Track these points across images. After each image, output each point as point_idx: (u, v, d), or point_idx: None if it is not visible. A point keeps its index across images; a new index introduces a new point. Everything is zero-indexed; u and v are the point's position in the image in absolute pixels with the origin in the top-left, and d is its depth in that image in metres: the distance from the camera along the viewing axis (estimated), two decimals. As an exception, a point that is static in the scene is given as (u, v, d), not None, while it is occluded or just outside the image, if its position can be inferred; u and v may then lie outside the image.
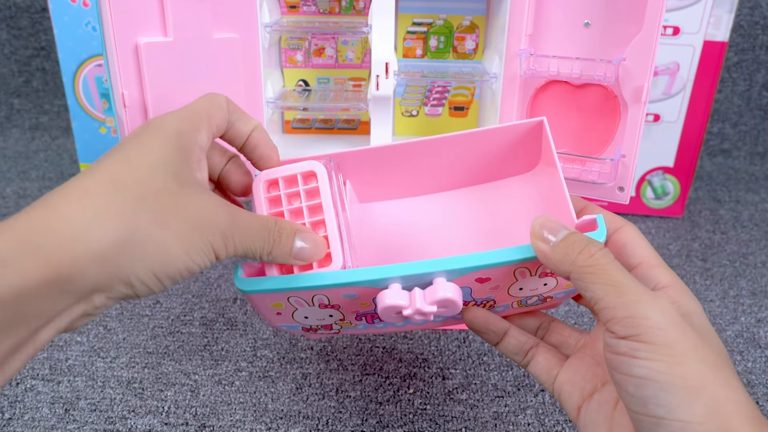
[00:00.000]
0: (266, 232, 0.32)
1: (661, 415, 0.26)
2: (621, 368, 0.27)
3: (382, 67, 0.53)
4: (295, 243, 0.33)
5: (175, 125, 0.31)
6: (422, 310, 0.33)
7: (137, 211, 0.27)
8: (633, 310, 0.27)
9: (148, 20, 0.46)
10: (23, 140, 1.14)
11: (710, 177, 1.05)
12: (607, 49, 0.49)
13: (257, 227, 0.32)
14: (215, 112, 0.33)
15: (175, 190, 0.29)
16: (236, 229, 0.31)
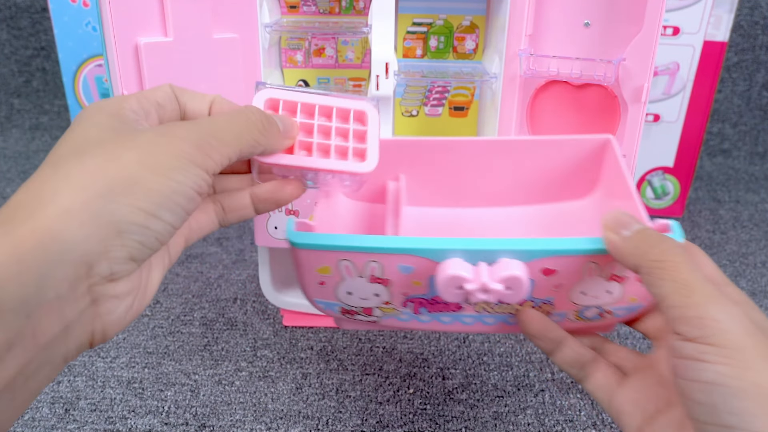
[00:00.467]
0: (244, 116, 0.31)
1: (733, 424, 0.24)
2: (687, 374, 0.26)
3: (382, 67, 0.53)
4: (277, 121, 0.32)
5: (100, 103, 0.30)
6: (487, 286, 0.30)
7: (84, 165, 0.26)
8: (702, 311, 0.26)
9: (148, 20, 0.46)
10: (23, 140, 1.14)
11: (710, 177, 1.05)
12: (607, 49, 0.49)
13: (224, 119, 0.30)
14: (152, 91, 0.32)
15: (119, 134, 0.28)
16: (202, 131, 0.29)
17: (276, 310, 0.66)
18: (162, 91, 0.32)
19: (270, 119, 0.32)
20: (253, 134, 0.31)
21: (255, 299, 0.68)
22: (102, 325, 0.27)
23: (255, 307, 0.66)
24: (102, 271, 0.25)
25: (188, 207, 0.28)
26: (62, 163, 0.26)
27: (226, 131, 0.29)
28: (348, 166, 0.33)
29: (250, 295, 0.68)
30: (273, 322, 0.64)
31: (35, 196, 0.25)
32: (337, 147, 0.34)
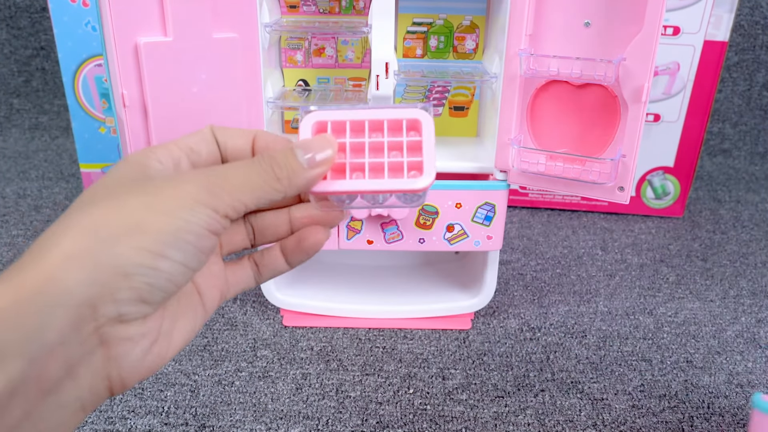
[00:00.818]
0: (257, 165, 0.29)
1: None
2: None
3: (382, 67, 0.53)
4: (297, 156, 0.30)
5: (128, 156, 0.30)
6: None
7: (88, 211, 0.26)
8: None
9: (148, 20, 0.46)
10: (23, 140, 1.14)
11: (710, 177, 1.05)
12: (607, 49, 0.49)
13: (243, 165, 0.29)
14: (187, 138, 0.31)
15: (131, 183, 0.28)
16: (219, 176, 0.28)
17: (276, 310, 0.66)
18: (198, 135, 0.32)
19: (286, 163, 0.30)
20: (268, 182, 0.29)
21: (255, 299, 0.68)
22: (118, 370, 0.26)
23: (255, 307, 0.66)
24: (108, 312, 0.25)
25: (200, 245, 0.27)
26: (72, 213, 0.26)
27: (237, 176, 0.29)
28: (402, 184, 0.31)
29: (250, 295, 0.68)
30: (273, 322, 0.64)
31: (41, 245, 0.25)
32: (391, 164, 0.32)
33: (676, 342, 0.62)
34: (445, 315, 0.63)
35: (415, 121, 0.32)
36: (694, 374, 0.58)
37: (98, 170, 0.88)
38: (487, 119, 0.62)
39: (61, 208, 0.88)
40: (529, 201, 0.91)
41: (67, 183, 0.96)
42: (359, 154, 0.32)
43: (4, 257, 0.75)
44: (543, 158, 0.53)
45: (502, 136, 0.54)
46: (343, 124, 0.32)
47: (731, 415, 0.53)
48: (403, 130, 0.32)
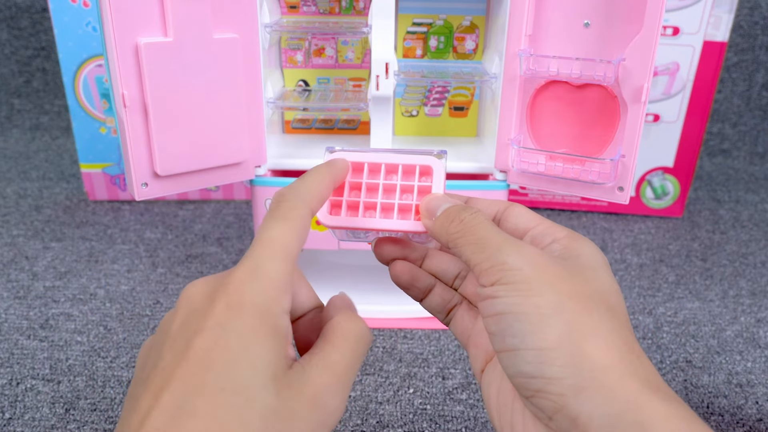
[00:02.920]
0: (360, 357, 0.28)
1: (515, 345, 0.26)
2: (485, 311, 0.28)
3: (382, 67, 0.53)
4: None
5: (256, 300, 0.25)
6: None
7: None
8: (493, 260, 0.28)
9: (148, 20, 0.46)
10: (23, 140, 1.15)
11: (710, 177, 1.05)
12: (607, 49, 0.49)
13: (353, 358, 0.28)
14: (287, 267, 0.27)
15: (275, 407, 0.24)
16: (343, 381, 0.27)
17: (276, 310, 0.66)
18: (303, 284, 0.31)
19: None
20: None
21: (255, 299, 0.68)
22: None
23: (255, 307, 0.66)
24: None
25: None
26: None
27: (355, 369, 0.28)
28: (408, 225, 0.34)
29: (250, 295, 0.68)
30: (273, 322, 0.64)
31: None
32: (401, 205, 0.35)
33: (675, 342, 0.62)
34: (445, 315, 0.63)
35: (428, 168, 0.35)
36: (694, 374, 0.58)
37: (99, 170, 0.88)
38: (486, 119, 0.62)
39: (62, 208, 0.88)
40: (528, 201, 0.91)
41: (67, 183, 0.96)
42: (373, 194, 0.35)
43: (4, 257, 0.75)
44: (543, 158, 0.53)
45: (502, 137, 0.54)
46: (361, 165, 0.35)
47: (731, 414, 0.53)
48: (416, 175, 0.35)
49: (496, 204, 0.35)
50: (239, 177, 0.54)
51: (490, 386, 0.32)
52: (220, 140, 0.51)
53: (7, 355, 0.58)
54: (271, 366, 0.24)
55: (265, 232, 0.27)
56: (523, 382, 0.26)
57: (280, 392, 0.24)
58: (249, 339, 0.24)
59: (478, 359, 0.34)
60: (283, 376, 0.24)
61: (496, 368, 0.32)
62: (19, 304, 0.66)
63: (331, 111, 0.64)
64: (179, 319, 0.26)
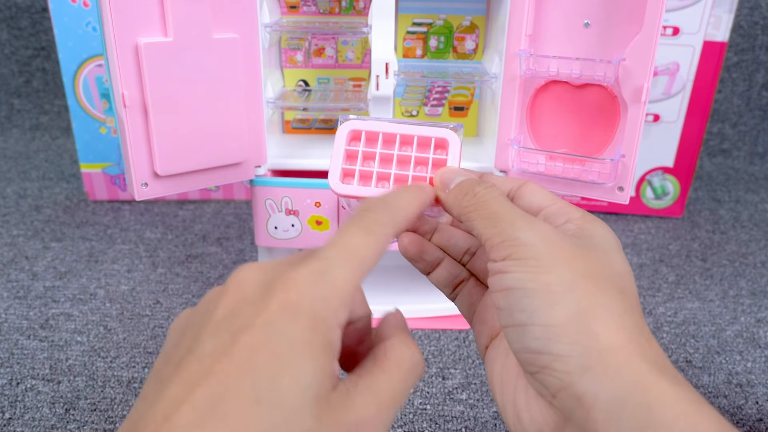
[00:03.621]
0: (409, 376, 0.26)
1: (523, 321, 0.26)
2: (494, 286, 0.28)
3: (382, 67, 0.53)
4: None
5: (314, 306, 0.23)
6: None
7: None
8: (505, 235, 0.28)
9: (148, 20, 0.46)
10: (23, 140, 1.14)
11: (710, 177, 1.05)
12: (607, 49, 0.49)
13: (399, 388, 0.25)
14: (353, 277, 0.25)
15: (315, 430, 0.21)
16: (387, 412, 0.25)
17: (276, 310, 0.66)
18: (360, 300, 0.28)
19: None
20: None
21: (255, 299, 0.68)
22: None
23: (255, 307, 0.66)
24: None
25: None
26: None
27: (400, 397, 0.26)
28: None
29: (250, 295, 0.68)
30: (273, 322, 0.64)
31: None
32: (415, 177, 0.34)
33: (675, 342, 0.62)
34: (445, 315, 0.63)
35: (443, 140, 0.34)
36: (694, 374, 0.58)
37: (99, 170, 0.88)
38: (486, 119, 0.62)
39: (62, 208, 0.88)
40: (528, 201, 0.91)
41: (67, 183, 0.96)
42: (387, 165, 0.35)
43: (4, 257, 0.75)
44: (543, 158, 0.53)
45: (502, 136, 0.54)
46: (376, 135, 0.35)
47: (730, 414, 0.53)
48: (431, 148, 0.35)
49: (511, 181, 0.34)
50: (239, 177, 0.54)
51: (494, 363, 0.31)
52: (220, 140, 0.51)
53: (7, 355, 0.58)
54: (315, 384, 0.22)
55: (344, 237, 0.25)
56: (529, 357, 0.26)
57: (320, 415, 0.22)
58: (299, 350, 0.22)
59: (483, 335, 0.33)
60: (326, 398, 0.22)
61: (501, 345, 0.31)
62: (19, 304, 0.66)
63: (331, 111, 0.64)
64: (226, 305, 0.23)
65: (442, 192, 0.33)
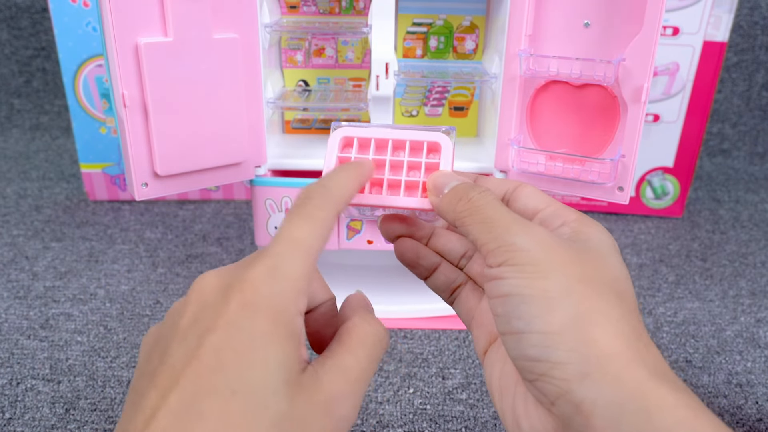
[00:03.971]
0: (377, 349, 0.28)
1: (520, 329, 0.26)
2: (491, 292, 0.27)
3: (382, 67, 0.53)
4: None
5: (272, 302, 0.24)
6: None
7: None
8: (501, 240, 0.28)
9: (148, 20, 0.46)
10: (23, 140, 1.14)
11: (710, 177, 1.05)
12: (607, 49, 0.49)
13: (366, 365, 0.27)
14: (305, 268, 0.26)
15: (288, 413, 0.23)
16: (357, 387, 0.26)
17: (276, 310, 0.66)
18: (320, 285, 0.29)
19: None
20: None
21: (255, 299, 0.68)
22: None
23: (255, 307, 0.66)
24: None
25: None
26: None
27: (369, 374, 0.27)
28: (414, 202, 0.34)
29: (250, 295, 0.68)
30: (273, 322, 0.64)
31: None
32: (408, 182, 0.34)
33: (675, 342, 0.62)
34: (445, 315, 0.63)
35: (436, 144, 0.34)
36: (694, 374, 0.58)
37: (99, 170, 0.88)
38: (486, 119, 0.62)
39: (62, 208, 0.88)
40: (528, 201, 0.91)
41: (67, 183, 0.96)
42: (380, 171, 0.35)
43: (4, 257, 0.75)
44: (543, 158, 0.53)
45: (502, 137, 0.54)
46: (368, 141, 0.35)
47: (730, 414, 0.53)
48: (424, 152, 0.34)
49: (506, 183, 0.34)
50: (239, 177, 0.54)
51: (492, 368, 0.31)
52: (220, 140, 0.51)
53: (7, 355, 0.58)
54: (284, 370, 0.23)
55: (288, 230, 0.26)
56: (527, 365, 0.26)
57: (292, 397, 0.23)
58: (262, 341, 0.23)
59: (482, 340, 0.33)
60: (296, 381, 0.23)
61: (500, 350, 0.31)
62: (19, 304, 0.66)
63: (331, 111, 0.64)
64: (190, 313, 0.25)
65: (435, 197, 0.32)
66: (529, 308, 0.26)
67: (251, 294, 0.24)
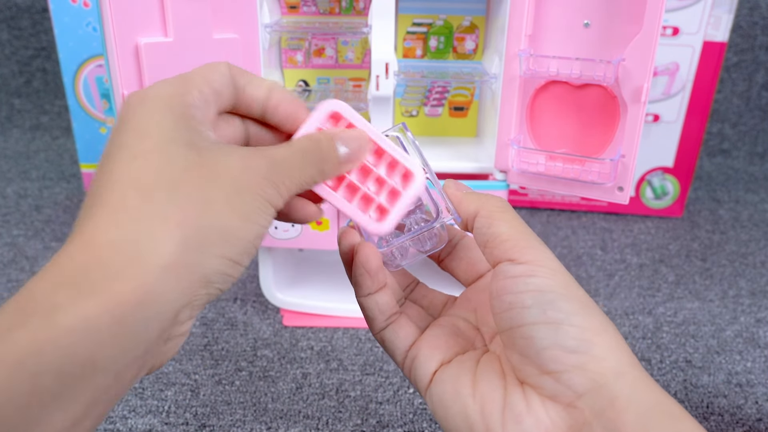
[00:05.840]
0: (309, 155, 0.29)
1: (559, 319, 0.27)
2: (517, 287, 0.29)
3: (382, 68, 0.53)
4: (338, 150, 0.30)
5: (159, 92, 0.27)
6: None
7: (178, 205, 0.24)
8: (531, 242, 0.30)
9: (148, 20, 0.46)
10: (24, 140, 1.15)
11: (710, 177, 1.05)
12: (607, 49, 0.49)
13: (298, 155, 0.29)
14: (211, 75, 0.29)
15: (199, 161, 0.26)
16: (279, 168, 0.28)
17: (276, 310, 0.66)
18: (219, 74, 0.29)
19: (329, 155, 0.31)
20: (314, 175, 0.30)
21: (255, 299, 0.68)
22: (161, 359, 0.27)
23: (255, 307, 0.66)
24: (183, 317, 0.25)
25: (258, 245, 0.28)
26: (155, 196, 0.24)
27: (294, 167, 0.29)
28: (362, 219, 0.32)
29: (250, 295, 0.68)
30: (273, 322, 0.64)
31: (133, 242, 0.23)
32: (365, 195, 0.32)
33: (675, 342, 0.62)
34: (445, 315, 0.63)
35: (409, 174, 0.32)
36: (694, 374, 0.58)
37: (99, 170, 0.88)
38: (486, 119, 0.62)
39: (62, 208, 0.88)
40: (528, 201, 0.91)
41: (67, 183, 0.96)
42: (357, 174, 0.32)
43: (4, 257, 0.75)
44: (542, 158, 0.53)
45: (502, 137, 0.54)
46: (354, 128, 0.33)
47: (730, 414, 0.53)
48: (395, 174, 0.32)
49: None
50: (239, 177, 0.54)
51: (455, 382, 0.31)
52: (220, 140, 0.51)
53: (8, 355, 0.58)
54: (184, 134, 0.26)
55: None
56: (559, 355, 0.27)
57: (200, 152, 0.26)
58: (157, 115, 0.26)
59: (431, 362, 0.32)
60: (202, 144, 0.26)
61: (463, 367, 0.31)
62: (20, 304, 0.66)
63: (331, 111, 0.64)
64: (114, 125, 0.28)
65: (458, 191, 0.33)
66: (567, 305, 0.28)
67: (145, 92, 0.27)
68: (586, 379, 0.27)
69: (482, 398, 0.30)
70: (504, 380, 0.30)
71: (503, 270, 0.29)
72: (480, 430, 0.29)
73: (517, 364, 0.29)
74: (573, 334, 0.27)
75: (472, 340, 0.34)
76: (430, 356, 0.33)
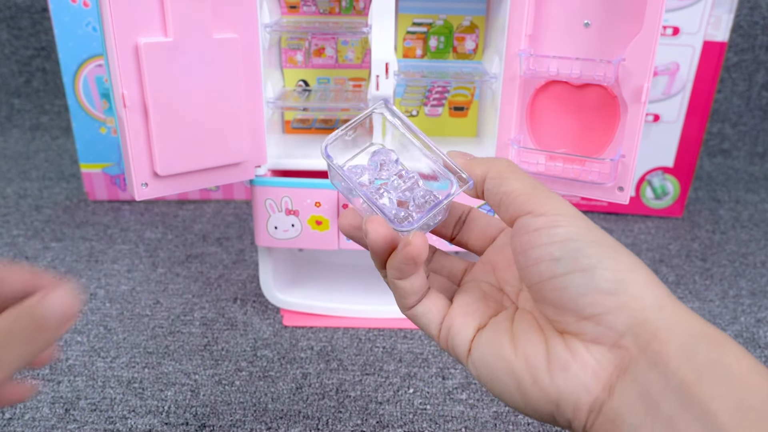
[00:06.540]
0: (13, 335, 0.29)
1: (591, 265, 0.28)
2: (542, 239, 0.29)
3: (382, 67, 0.53)
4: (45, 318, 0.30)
5: None
6: None
7: None
8: (547, 194, 0.30)
9: (148, 20, 0.46)
10: (23, 140, 1.15)
11: (710, 177, 1.05)
12: (607, 49, 0.49)
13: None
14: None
15: None
16: None
17: (276, 310, 0.66)
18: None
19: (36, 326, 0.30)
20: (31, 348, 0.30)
21: (255, 299, 0.68)
22: None
23: (255, 307, 0.66)
24: None
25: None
26: None
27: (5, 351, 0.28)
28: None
29: (250, 295, 0.68)
30: (273, 322, 0.64)
31: None
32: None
33: (675, 342, 0.62)
34: (445, 315, 0.63)
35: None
36: (694, 374, 0.58)
37: (99, 170, 0.88)
38: (486, 119, 0.62)
39: (62, 208, 0.88)
40: (528, 201, 0.91)
41: (67, 183, 0.96)
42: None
43: (4, 257, 0.75)
44: (542, 158, 0.53)
45: (502, 136, 0.54)
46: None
47: (731, 414, 0.53)
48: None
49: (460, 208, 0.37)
50: (239, 177, 0.55)
51: (496, 342, 0.31)
52: (220, 140, 0.51)
53: (7, 355, 0.58)
54: None
55: None
56: (597, 299, 0.27)
57: None
58: None
59: (468, 329, 0.33)
60: None
61: (498, 328, 0.32)
62: (19, 304, 0.66)
63: (331, 111, 0.64)
64: None
65: (464, 157, 0.34)
66: (596, 250, 0.28)
67: None
68: (627, 317, 0.27)
69: (525, 354, 0.30)
70: (542, 333, 0.30)
71: (524, 224, 0.29)
72: (528, 384, 0.29)
73: (553, 316, 0.29)
74: (607, 276, 0.27)
75: (500, 300, 0.34)
76: (466, 324, 0.33)
